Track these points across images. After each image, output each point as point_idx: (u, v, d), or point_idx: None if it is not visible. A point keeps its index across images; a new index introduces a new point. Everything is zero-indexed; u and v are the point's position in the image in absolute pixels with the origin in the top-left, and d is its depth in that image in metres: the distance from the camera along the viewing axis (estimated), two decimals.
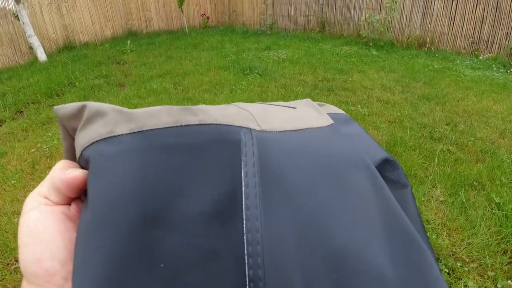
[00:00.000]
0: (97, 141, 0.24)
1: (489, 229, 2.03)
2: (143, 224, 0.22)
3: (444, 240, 1.96)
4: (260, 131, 0.28)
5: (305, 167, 0.26)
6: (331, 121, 0.33)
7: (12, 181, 2.70)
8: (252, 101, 2.08)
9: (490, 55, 5.83)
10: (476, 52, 5.98)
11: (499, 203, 2.21)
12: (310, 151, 0.28)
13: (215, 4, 10.12)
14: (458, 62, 5.61)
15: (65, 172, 0.26)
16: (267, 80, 4.68)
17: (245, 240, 0.22)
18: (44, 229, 0.25)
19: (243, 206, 0.23)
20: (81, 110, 0.26)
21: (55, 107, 0.27)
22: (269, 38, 7.69)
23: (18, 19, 6.32)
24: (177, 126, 0.25)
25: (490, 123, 3.34)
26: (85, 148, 0.25)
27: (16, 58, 6.84)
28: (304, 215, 0.24)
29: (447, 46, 6.40)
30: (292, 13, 8.58)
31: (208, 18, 9.73)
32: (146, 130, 0.25)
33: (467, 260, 1.84)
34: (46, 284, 0.24)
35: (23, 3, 6.24)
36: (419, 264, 0.26)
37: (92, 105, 0.26)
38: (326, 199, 0.25)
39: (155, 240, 0.21)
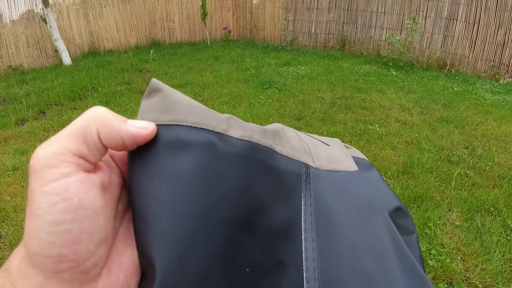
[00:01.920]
0: (208, 130, 0.25)
1: (503, 255, 2.01)
2: (239, 226, 0.25)
3: (458, 265, 1.94)
4: (315, 168, 0.32)
5: (343, 205, 0.31)
6: (356, 167, 0.38)
7: None
8: (270, 115, 2.14)
9: (511, 79, 5.78)
10: (496, 76, 5.93)
11: None
12: (346, 192, 0.33)
13: (237, 19, 10.28)
14: (478, 85, 5.56)
15: (136, 126, 0.23)
16: (285, 95, 4.72)
17: (303, 257, 0.27)
18: (88, 204, 0.22)
19: (302, 229, 0.28)
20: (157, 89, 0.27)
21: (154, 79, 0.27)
22: (289, 54, 7.76)
23: (46, 22, 6.51)
24: (271, 149, 0.29)
25: (509, 148, 3.31)
26: (182, 125, 0.25)
27: (42, 60, 7.03)
28: (345, 242, 0.29)
29: (468, 69, 6.36)
30: (313, 31, 8.65)
31: (230, 31, 9.87)
32: (253, 142, 0.27)
33: (480, 286, 1.82)
34: (68, 270, 0.21)
35: (51, 7, 6.43)
36: None
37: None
38: (359, 233, 0.30)
39: (244, 244, 0.25)
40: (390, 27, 7.17)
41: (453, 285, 1.82)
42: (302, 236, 0.28)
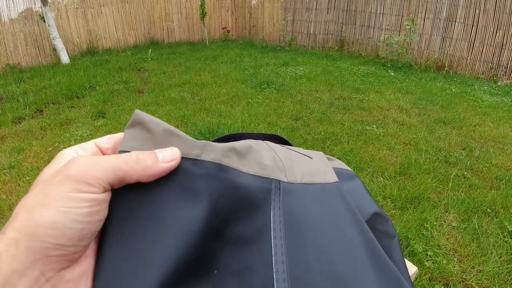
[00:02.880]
0: (183, 157, 0.31)
1: (500, 257, 2.00)
2: (209, 236, 0.30)
3: (454, 266, 1.94)
4: (286, 182, 0.37)
5: (315, 214, 0.35)
6: (336, 178, 0.42)
7: (27, 178, 2.77)
8: (267, 115, 2.16)
9: (509, 81, 5.78)
10: (494, 78, 5.94)
11: None
12: (319, 202, 0.36)
13: (236, 19, 10.27)
14: (476, 87, 5.57)
15: (168, 160, 0.30)
16: (283, 96, 4.72)
17: (273, 261, 0.30)
18: (103, 213, 0.27)
19: (272, 236, 0.32)
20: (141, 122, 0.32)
21: (137, 111, 0.32)
22: (287, 54, 7.76)
23: (44, 21, 6.49)
24: (237, 170, 0.34)
25: (506, 150, 3.31)
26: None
27: (40, 58, 7.02)
28: (314, 247, 0.32)
29: (466, 71, 6.37)
30: (312, 31, 8.65)
31: (228, 31, 9.87)
32: (222, 164, 0.33)
33: (476, 287, 1.82)
34: (60, 256, 0.25)
35: (49, 6, 6.41)
36: None
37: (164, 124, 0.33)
38: (329, 239, 0.33)
39: (214, 250, 0.30)
40: (388, 28, 7.17)
41: (450, 286, 1.82)
42: (272, 242, 0.31)
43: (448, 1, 6.35)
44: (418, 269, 1.88)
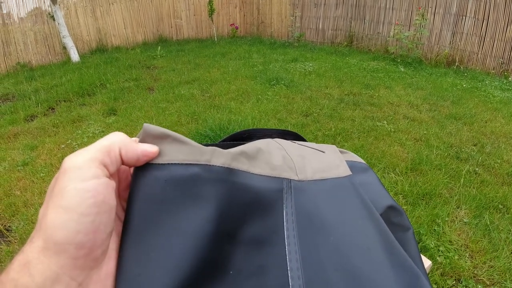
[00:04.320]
0: (192, 164, 0.32)
1: (511, 253, 2.00)
2: (222, 238, 0.30)
3: (466, 262, 1.94)
4: (297, 180, 0.37)
5: (328, 211, 0.36)
6: (349, 172, 0.42)
7: (41, 174, 2.81)
8: (277, 111, 2.17)
9: None
10: (505, 73, 5.87)
11: None
12: (331, 199, 0.37)
13: (244, 15, 10.26)
14: (487, 82, 5.51)
15: (146, 145, 0.31)
16: (293, 92, 4.72)
17: (287, 259, 0.31)
18: (108, 201, 0.27)
19: (285, 235, 0.33)
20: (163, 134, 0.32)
21: (146, 124, 0.33)
22: (296, 50, 7.73)
23: (54, 19, 6.55)
24: (248, 172, 0.35)
25: None
26: (174, 163, 0.31)
27: (50, 57, 7.09)
28: (328, 244, 0.33)
29: (477, 66, 6.30)
30: (320, 27, 8.62)
31: (237, 28, 9.87)
32: (232, 168, 0.34)
33: (488, 282, 1.82)
34: (84, 257, 0.25)
35: (59, 4, 6.46)
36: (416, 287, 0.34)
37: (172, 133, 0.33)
38: (343, 234, 0.34)
39: (229, 252, 0.31)
40: (398, 23, 7.12)
41: (461, 281, 1.82)
42: (285, 241, 0.32)
43: None
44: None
